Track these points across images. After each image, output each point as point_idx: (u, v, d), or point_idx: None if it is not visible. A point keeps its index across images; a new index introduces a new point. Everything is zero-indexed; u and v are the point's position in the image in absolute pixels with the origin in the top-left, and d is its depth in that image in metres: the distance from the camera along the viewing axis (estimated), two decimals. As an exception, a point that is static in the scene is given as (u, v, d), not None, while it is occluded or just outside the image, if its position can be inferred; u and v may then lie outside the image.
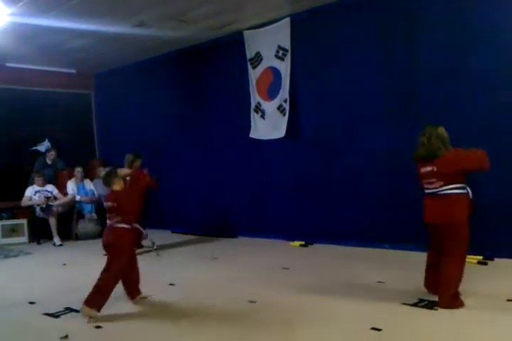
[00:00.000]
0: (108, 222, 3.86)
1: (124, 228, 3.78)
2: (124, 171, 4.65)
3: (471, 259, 4.66)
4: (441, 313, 3.34)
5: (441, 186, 3.46)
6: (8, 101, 8.17)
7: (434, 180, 3.47)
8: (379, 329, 3.06)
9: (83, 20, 5.87)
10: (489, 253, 4.65)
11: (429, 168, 3.49)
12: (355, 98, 5.75)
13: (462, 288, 3.56)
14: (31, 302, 4.10)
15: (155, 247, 5.08)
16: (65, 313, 3.76)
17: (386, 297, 3.75)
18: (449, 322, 3.17)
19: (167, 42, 7.16)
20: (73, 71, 8.82)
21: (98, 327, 3.40)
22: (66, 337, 3.22)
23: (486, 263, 4.57)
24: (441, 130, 3.58)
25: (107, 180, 3.88)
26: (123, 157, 8.66)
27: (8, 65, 8.04)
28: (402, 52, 5.36)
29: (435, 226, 3.56)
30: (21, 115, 8.32)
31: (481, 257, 4.65)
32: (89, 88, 9.25)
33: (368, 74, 5.62)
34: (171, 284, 4.50)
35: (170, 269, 5.15)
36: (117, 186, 3.86)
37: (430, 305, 3.48)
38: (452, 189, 3.46)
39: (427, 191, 3.60)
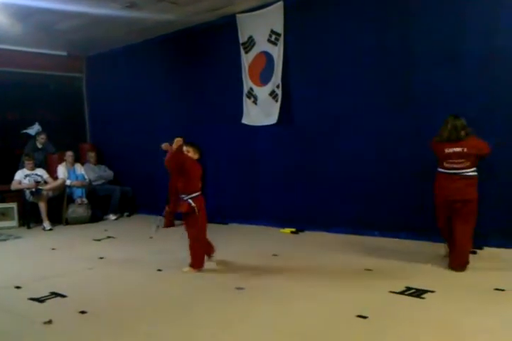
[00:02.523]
0: None
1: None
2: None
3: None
4: (428, 302, 3.34)
5: (467, 167, 3.93)
6: (-2, 84, 8.05)
7: (463, 160, 3.90)
8: (365, 317, 3.06)
9: (73, 1, 5.73)
10: (478, 242, 4.64)
11: (457, 149, 3.93)
12: (348, 84, 5.68)
13: (455, 276, 3.64)
14: (17, 287, 4.07)
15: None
16: (50, 298, 3.73)
17: (373, 285, 3.75)
18: (436, 311, 3.17)
19: (158, 25, 7.03)
20: (64, 53, 8.66)
21: (82, 312, 3.37)
22: (50, 321, 3.19)
23: (475, 252, 4.56)
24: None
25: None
26: (114, 141, 8.65)
27: (-1, 46, 7.88)
28: (396, 38, 5.29)
29: (454, 202, 4.00)
30: (11, 98, 8.18)
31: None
32: (81, 71, 9.11)
33: (361, 60, 5.55)
34: (159, 270, 4.47)
35: (159, 255, 5.12)
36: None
37: (417, 294, 3.48)
38: (474, 171, 3.99)
39: (450, 170, 4.00)
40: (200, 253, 4.37)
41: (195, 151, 4.40)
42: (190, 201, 4.28)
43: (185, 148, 4.29)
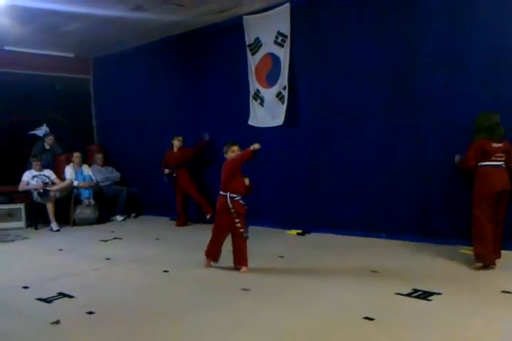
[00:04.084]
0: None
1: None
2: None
3: (467, 250, 4.65)
4: (435, 304, 3.33)
5: (504, 161, 4.26)
6: (6, 85, 8.09)
7: (502, 155, 4.24)
8: (371, 319, 3.05)
9: (80, 3, 5.77)
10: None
11: (499, 145, 4.24)
12: (353, 86, 5.68)
13: (462, 278, 3.63)
14: (25, 287, 4.10)
15: None
16: (58, 298, 3.75)
17: (380, 286, 3.74)
18: (443, 313, 3.16)
19: (165, 27, 7.06)
20: (71, 55, 8.72)
21: (90, 312, 3.39)
22: (57, 322, 3.21)
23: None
24: None
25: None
26: (121, 142, 8.68)
27: (7, 48, 7.94)
28: (400, 39, 5.30)
29: (500, 193, 4.21)
30: (19, 99, 8.25)
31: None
32: (88, 72, 9.17)
33: (366, 62, 5.55)
34: (165, 271, 4.49)
35: (168, 256, 5.13)
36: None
37: (424, 296, 3.47)
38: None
39: (493, 163, 4.24)
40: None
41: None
42: (241, 201, 4.36)
43: (235, 148, 4.38)
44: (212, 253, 4.51)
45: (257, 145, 4.13)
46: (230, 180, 4.35)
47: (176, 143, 7.20)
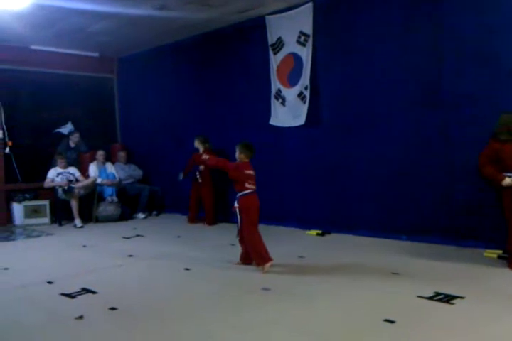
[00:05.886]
0: (253, 188, 4.46)
1: None
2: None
3: (491, 254, 4.58)
4: (458, 308, 3.29)
5: None
6: (33, 84, 8.26)
7: None
8: (392, 321, 3.03)
9: (105, 3, 5.85)
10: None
11: None
12: (376, 85, 5.63)
13: (485, 282, 3.56)
14: (49, 282, 4.19)
15: None
16: (81, 294, 3.83)
17: (401, 289, 3.71)
18: (465, 318, 3.12)
19: (189, 27, 7.12)
20: (96, 55, 8.85)
21: (113, 308, 3.45)
22: (81, 317, 3.28)
23: (506, 258, 4.46)
24: None
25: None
26: (144, 141, 8.79)
27: (33, 47, 8.09)
28: (425, 38, 5.21)
29: None
30: (45, 98, 8.41)
31: (501, 251, 4.54)
32: (112, 72, 9.29)
33: (389, 61, 5.50)
34: (187, 269, 4.53)
35: (189, 254, 5.18)
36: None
37: (447, 299, 3.43)
38: None
39: None
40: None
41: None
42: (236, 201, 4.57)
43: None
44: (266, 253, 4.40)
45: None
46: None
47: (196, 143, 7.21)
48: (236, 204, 4.46)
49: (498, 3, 4.73)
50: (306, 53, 6.15)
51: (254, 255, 4.42)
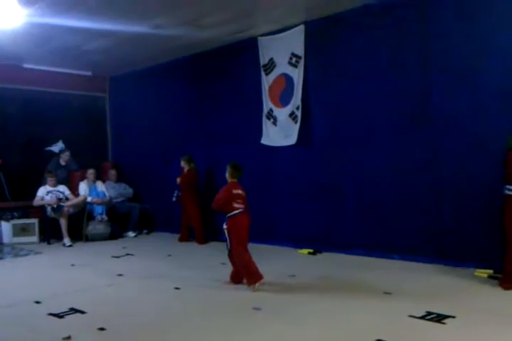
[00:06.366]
0: (241, 207, 4.48)
1: None
2: None
3: (482, 273, 4.59)
4: (449, 327, 3.28)
5: None
6: (24, 102, 8.27)
7: None
8: (384, 341, 3.02)
9: (100, 21, 5.90)
10: (500, 266, 4.56)
11: None
12: (367, 106, 5.72)
13: (476, 301, 3.48)
14: (37, 302, 4.12)
15: None
16: (70, 314, 3.77)
17: (392, 308, 3.70)
18: (456, 337, 3.11)
19: (182, 47, 7.22)
20: (89, 73, 8.91)
21: (101, 328, 3.40)
22: (69, 337, 3.22)
23: (496, 278, 4.47)
24: None
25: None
26: (135, 160, 8.79)
27: (26, 65, 8.13)
28: (415, 60, 5.33)
29: None
30: (36, 116, 8.41)
31: (491, 271, 4.56)
32: (104, 91, 9.34)
33: (380, 83, 5.59)
34: (177, 288, 4.49)
35: (179, 273, 5.14)
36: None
37: (438, 319, 3.42)
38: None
39: None
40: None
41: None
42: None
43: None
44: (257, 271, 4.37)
45: None
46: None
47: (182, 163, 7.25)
48: (225, 226, 4.46)
49: (486, 21, 4.82)
50: (297, 74, 6.25)
51: (244, 274, 4.40)
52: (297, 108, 6.24)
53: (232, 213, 4.44)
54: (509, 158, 4.11)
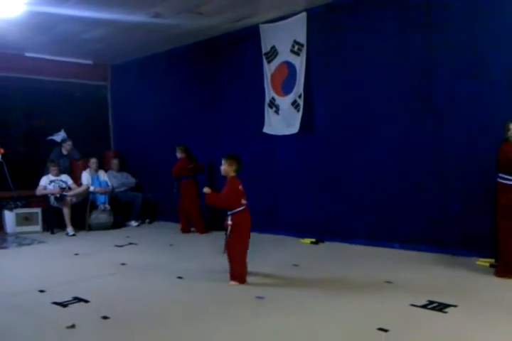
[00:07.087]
0: (245, 203, 4.29)
1: None
2: None
3: (484, 262, 4.60)
4: (451, 316, 3.29)
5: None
6: (26, 91, 8.24)
7: None
8: (386, 330, 3.03)
9: (100, 10, 5.85)
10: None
11: None
12: (370, 94, 5.68)
13: (478, 290, 3.51)
14: (41, 291, 4.15)
15: None
16: (73, 303, 3.79)
17: (394, 297, 3.71)
18: (458, 326, 3.12)
19: (183, 35, 7.15)
20: (90, 62, 8.86)
21: (105, 317, 3.42)
22: (73, 326, 3.25)
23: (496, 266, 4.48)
24: None
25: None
26: (137, 149, 8.78)
27: (27, 54, 8.09)
28: (420, 48, 5.27)
29: None
30: (38, 105, 8.40)
31: (493, 260, 4.56)
32: (106, 79, 9.30)
33: (383, 69, 5.54)
34: (179, 277, 4.51)
35: (182, 263, 5.17)
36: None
37: (440, 308, 3.43)
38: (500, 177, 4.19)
39: None
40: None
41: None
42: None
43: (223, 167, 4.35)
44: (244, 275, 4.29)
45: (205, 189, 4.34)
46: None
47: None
48: (230, 222, 4.23)
49: (491, 14, 4.78)
50: (299, 62, 6.19)
51: (233, 270, 4.25)
52: (299, 96, 6.20)
53: (238, 209, 4.26)
54: (501, 148, 4.14)
